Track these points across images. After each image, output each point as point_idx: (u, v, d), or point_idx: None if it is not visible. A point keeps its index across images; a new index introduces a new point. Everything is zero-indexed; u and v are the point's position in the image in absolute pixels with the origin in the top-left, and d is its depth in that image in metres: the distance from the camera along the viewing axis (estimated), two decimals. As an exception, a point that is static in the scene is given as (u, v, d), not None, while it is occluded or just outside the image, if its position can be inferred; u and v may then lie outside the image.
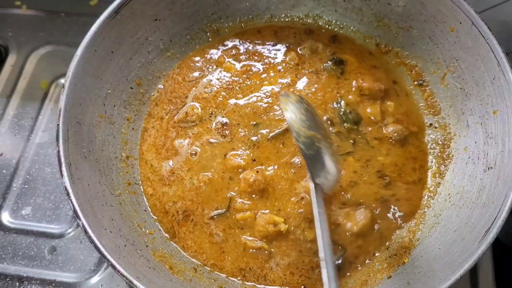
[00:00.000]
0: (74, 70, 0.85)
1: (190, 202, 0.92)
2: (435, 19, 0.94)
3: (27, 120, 1.16)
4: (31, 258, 1.01)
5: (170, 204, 0.92)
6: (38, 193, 1.07)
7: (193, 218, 0.91)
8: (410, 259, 0.85)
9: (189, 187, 0.92)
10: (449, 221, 0.85)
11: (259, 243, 0.88)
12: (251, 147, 0.94)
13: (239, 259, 0.88)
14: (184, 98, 1.01)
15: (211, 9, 1.05)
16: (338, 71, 1.02)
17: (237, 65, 1.04)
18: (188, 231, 0.90)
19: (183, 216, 0.91)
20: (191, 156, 0.95)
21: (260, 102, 0.99)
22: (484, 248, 0.71)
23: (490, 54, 0.85)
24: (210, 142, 0.95)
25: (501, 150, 0.81)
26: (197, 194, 0.92)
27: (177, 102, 1.01)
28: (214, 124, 0.97)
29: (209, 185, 0.92)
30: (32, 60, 1.24)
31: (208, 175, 0.93)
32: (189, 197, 0.92)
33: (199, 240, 0.90)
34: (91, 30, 0.88)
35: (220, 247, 0.89)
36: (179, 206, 0.92)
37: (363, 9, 1.03)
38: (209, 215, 0.91)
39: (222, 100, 1.00)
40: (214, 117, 0.98)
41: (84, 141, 0.86)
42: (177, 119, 0.99)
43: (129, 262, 0.76)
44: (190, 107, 0.99)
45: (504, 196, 0.75)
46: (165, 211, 0.92)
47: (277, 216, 0.88)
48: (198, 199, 0.92)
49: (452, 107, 0.95)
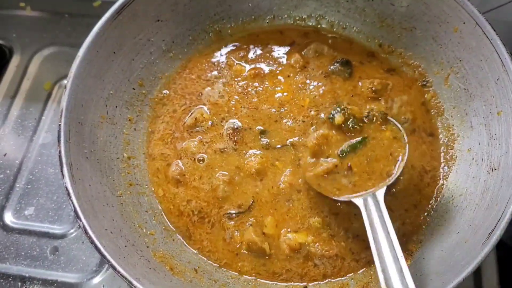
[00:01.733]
0: (76, 71, 0.86)
1: (205, 203, 0.92)
2: (438, 19, 0.93)
3: (30, 121, 1.17)
4: (33, 258, 1.01)
5: (184, 204, 0.92)
6: (41, 193, 1.08)
7: (209, 218, 0.91)
8: (412, 261, 0.84)
9: (203, 188, 0.93)
10: (452, 223, 0.84)
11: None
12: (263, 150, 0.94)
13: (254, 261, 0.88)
14: (192, 102, 1.01)
15: (213, 10, 1.05)
16: (346, 72, 1.01)
17: (245, 68, 1.03)
18: (205, 232, 0.90)
19: (198, 217, 0.91)
20: (198, 162, 0.94)
21: (271, 108, 0.99)
22: (488, 250, 0.70)
23: (494, 55, 0.84)
24: (220, 148, 0.95)
25: (505, 152, 0.80)
26: (214, 194, 0.92)
27: (185, 104, 1.01)
28: (225, 130, 0.96)
29: (228, 185, 0.92)
30: (36, 61, 1.25)
31: (225, 174, 0.93)
32: (204, 197, 0.92)
33: (214, 240, 0.90)
34: (93, 32, 0.88)
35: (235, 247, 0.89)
36: (193, 206, 0.92)
37: (366, 9, 1.03)
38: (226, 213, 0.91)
39: (234, 104, 0.99)
40: (225, 122, 0.97)
41: (85, 142, 0.86)
42: (186, 124, 0.98)
43: (129, 263, 0.76)
44: (199, 112, 0.99)
45: (508, 198, 0.74)
46: (180, 212, 0.92)
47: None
48: (214, 199, 0.92)
49: (456, 108, 0.94)
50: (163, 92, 1.02)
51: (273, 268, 0.88)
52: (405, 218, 0.90)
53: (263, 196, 0.91)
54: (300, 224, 0.89)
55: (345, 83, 1.00)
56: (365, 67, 1.02)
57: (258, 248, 0.87)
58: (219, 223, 0.90)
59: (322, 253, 0.87)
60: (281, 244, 0.88)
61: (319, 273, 0.87)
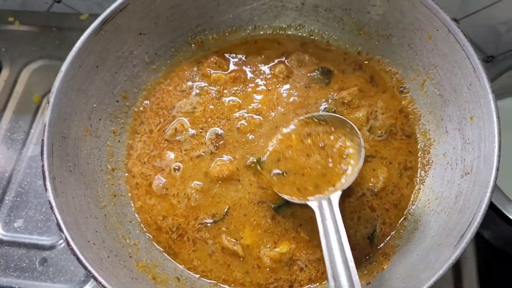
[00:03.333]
0: (59, 86, 0.87)
1: (183, 219, 0.93)
2: (413, 26, 0.95)
3: (19, 134, 1.19)
4: (22, 269, 1.03)
5: (160, 219, 0.94)
6: (30, 205, 1.10)
7: (187, 235, 0.93)
8: (389, 265, 0.86)
9: (179, 201, 0.94)
10: (428, 227, 0.86)
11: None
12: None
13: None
14: (171, 112, 1.03)
15: (195, 21, 1.07)
16: (324, 81, 1.03)
17: (224, 79, 1.05)
18: (191, 250, 0.92)
19: (177, 235, 0.93)
20: (174, 171, 0.96)
21: (249, 117, 1.00)
22: (459, 253, 0.72)
23: (466, 61, 0.85)
24: (198, 156, 0.97)
25: (477, 156, 0.82)
26: (188, 205, 0.94)
27: (164, 115, 1.03)
28: (207, 137, 0.98)
29: (201, 193, 0.93)
30: (25, 74, 1.27)
31: (200, 184, 0.94)
32: (181, 212, 0.93)
33: (203, 257, 0.91)
34: (75, 47, 0.90)
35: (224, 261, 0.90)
36: (170, 222, 0.93)
37: (344, 18, 1.05)
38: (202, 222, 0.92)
39: (212, 114, 1.01)
40: (205, 131, 0.99)
41: (69, 155, 0.88)
42: (167, 135, 1.00)
43: (112, 274, 0.77)
44: (179, 122, 1.01)
45: (479, 202, 0.75)
46: (158, 227, 0.93)
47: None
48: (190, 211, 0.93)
49: (432, 114, 0.96)
50: (144, 103, 1.04)
51: (256, 280, 0.89)
52: (385, 218, 0.92)
53: (238, 205, 0.93)
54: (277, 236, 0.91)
55: (320, 91, 1.02)
56: (346, 76, 1.04)
57: (232, 252, 0.89)
58: (200, 239, 0.92)
59: (307, 257, 0.89)
60: (262, 256, 0.89)
61: (305, 277, 0.89)
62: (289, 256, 0.89)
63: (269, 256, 0.88)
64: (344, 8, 1.03)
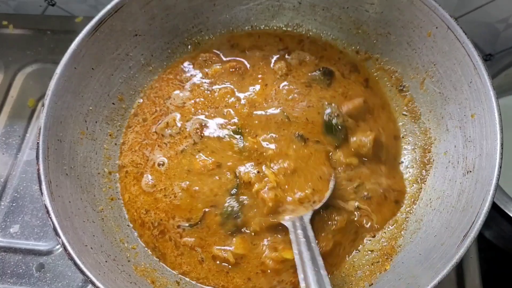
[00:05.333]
0: (54, 89, 0.86)
1: (163, 214, 0.92)
2: (412, 24, 0.94)
3: (14, 138, 1.18)
4: (19, 276, 1.01)
5: (143, 212, 0.93)
6: (26, 210, 1.08)
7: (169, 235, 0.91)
8: (392, 265, 0.84)
9: (163, 196, 0.93)
10: (430, 226, 0.85)
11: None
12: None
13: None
14: (165, 109, 1.02)
15: (191, 22, 1.06)
16: (326, 81, 1.02)
17: (222, 76, 1.04)
18: (178, 255, 0.90)
19: (159, 232, 0.91)
20: (159, 166, 0.95)
21: (242, 111, 0.99)
22: (462, 252, 0.71)
23: (466, 58, 0.85)
24: (182, 150, 0.96)
25: (479, 154, 0.81)
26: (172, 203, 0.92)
27: (157, 112, 1.02)
28: (190, 126, 0.98)
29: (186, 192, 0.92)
30: (19, 78, 1.26)
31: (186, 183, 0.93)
32: (163, 207, 0.92)
33: (193, 263, 0.90)
34: (70, 49, 0.89)
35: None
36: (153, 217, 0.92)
37: (341, 17, 1.04)
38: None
39: (204, 106, 1.01)
40: (192, 121, 0.99)
41: (65, 159, 0.86)
42: (157, 128, 0.99)
43: (110, 278, 0.76)
44: (172, 118, 0.99)
45: (482, 200, 0.74)
46: (142, 222, 0.92)
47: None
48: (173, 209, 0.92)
49: (432, 112, 0.95)
50: (140, 104, 1.03)
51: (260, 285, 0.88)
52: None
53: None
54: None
55: (322, 92, 1.01)
56: (346, 80, 1.03)
57: (223, 259, 0.88)
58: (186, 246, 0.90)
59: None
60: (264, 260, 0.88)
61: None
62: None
63: (271, 258, 0.87)
64: (341, 7, 1.02)
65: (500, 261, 1.21)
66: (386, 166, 0.95)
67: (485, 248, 1.15)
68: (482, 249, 1.05)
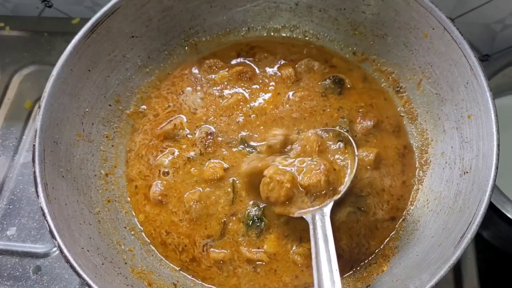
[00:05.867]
0: (50, 90, 0.86)
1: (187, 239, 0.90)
2: (408, 25, 0.94)
3: (11, 141, 1.17)
4: (16, 278, 1.01)
5: (164, 233, 0.92)
6: (23, 213, 1.08)
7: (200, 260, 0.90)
8: (389, 267, 0.84)
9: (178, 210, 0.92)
10: (427, 227, 0.85)
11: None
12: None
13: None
14: (170, 114, 1.01)
15: (188, 24, 1.05)
16: (337, 90, 1.01)
17: (229, 80, 1.04)
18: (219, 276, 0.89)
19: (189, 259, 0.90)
20: (164, 175, 0.95)
21: (249, 118, 0.99)
22: (459, 253, 0.71)
23: (463, 59, 0.85)
24: (189, 158, 0.95)
25: (476, 155, 0.81)
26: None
27: (163, 118, 1.01)
28: (197, 134, 0.97)
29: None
30: (16, 80, 1.26)
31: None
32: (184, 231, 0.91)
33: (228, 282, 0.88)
34: (66, 51, 0.89)
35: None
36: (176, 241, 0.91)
37: (338, 18, 1.04)
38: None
39: (212, 115, 1.00)
40: (199, 129, 0.98)
41: (61, 161, 0.86)
42: (161, 130, 0.98)
43: (106, 281, 0.76)
44: (179, 121, 0.99)
45: (478, 201, 0.74)
46: (163, 241, 0.91)
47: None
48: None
49: (429, 113, 0.95)
50: (140, 108, 1.03)
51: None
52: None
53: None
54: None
55: (334, 101, 1.01)
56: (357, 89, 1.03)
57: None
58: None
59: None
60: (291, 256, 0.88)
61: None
62: None
63: (298, 254, 0.87)
64: (338, 8, 1.02)
65: (498, 261, 1.21)
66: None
67: (483, 249, 1.14)
68: (480, 249, 1.05)
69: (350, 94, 1.01)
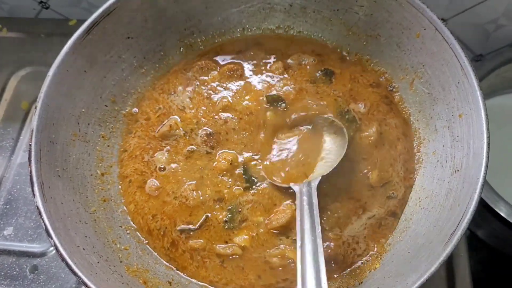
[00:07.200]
0: (46, 91, 0.87)
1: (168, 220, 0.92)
2: (401, 26, 0.95)
3: (8, 141, 1.18)
4: (13, 278, 1.02)
5: (150, 218, 0.93)
6: (20, 213, 1.09)
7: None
8: (382, 264, 0.85)
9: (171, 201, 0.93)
10: (419, 225, 0.85)
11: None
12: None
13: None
14: (165, 114, 1.02)
15: (183, 25, 1.06)
16: (327, 81, 1.03)
17: (220, 79, 1.05)
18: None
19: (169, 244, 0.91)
20: (160, 170, 0.96)
21: (246, 116, 1.00)
22: (449, 250, 0.72)
23: (454, 59, 0.86)
24: (191, 153, 0.96)
25: (467, 153, 0.82)
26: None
27: (157, 119, 1.02)
28: (199, 137, 0.98)
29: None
30: (13, 81, 1.27)
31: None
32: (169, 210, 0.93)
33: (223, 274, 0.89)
34: (63, 51, 0.90)
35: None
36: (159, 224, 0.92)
37: (332, 19, 1.05)
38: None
39: (207, 114, 1.01)
40: (198, 130, 0.99)
41: (57, 160, 0.87)
42: (158, 133, 0.99)
43: (102, 279, 0.77)
44: (173, 121, 1.00)
45: (469, 198, 0.75)
46: (148, 229, 0.92)
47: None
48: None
49: (421, 112, 0.96)
50: (132, 111, 1.03)
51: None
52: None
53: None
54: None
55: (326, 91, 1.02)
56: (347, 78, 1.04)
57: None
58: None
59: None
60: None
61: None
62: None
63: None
64: (332, 9, 1.03)
65: (493, 261, 1.22)
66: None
67: (478, 248, 1.16)
68: (475, 248, 1.06)
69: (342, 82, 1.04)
